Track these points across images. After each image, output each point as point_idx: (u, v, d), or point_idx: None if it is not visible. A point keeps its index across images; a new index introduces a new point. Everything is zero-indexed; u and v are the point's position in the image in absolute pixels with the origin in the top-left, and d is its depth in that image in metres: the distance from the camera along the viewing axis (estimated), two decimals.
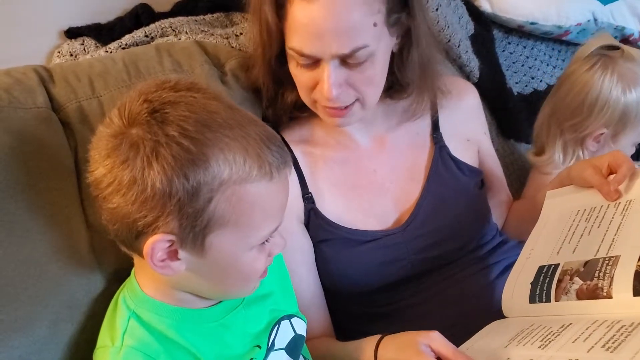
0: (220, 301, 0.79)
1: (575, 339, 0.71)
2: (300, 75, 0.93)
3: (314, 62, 0.89)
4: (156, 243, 0.67)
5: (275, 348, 0.80)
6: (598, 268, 0.78)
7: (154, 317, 0.74)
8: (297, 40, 0.88)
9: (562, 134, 1.20)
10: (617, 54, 1.15)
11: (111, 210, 0.68)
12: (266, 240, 0.73)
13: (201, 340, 0.75)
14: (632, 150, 1.20)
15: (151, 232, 0.67)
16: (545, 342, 0.73)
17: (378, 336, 0.86)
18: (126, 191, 0.65)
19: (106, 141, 0.67)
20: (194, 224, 0.66)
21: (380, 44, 0.90)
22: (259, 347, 0.79)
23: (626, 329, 0.69)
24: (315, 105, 0.96)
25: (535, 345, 0.74)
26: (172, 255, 0.69)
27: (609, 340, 0.68)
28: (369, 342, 0.86)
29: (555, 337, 0.73)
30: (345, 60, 0.88)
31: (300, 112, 1.03)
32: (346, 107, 0.93)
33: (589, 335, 0.71)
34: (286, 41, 0.90)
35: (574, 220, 0.89)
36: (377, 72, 0.93)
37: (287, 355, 0.81)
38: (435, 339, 0.78)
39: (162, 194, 0.64)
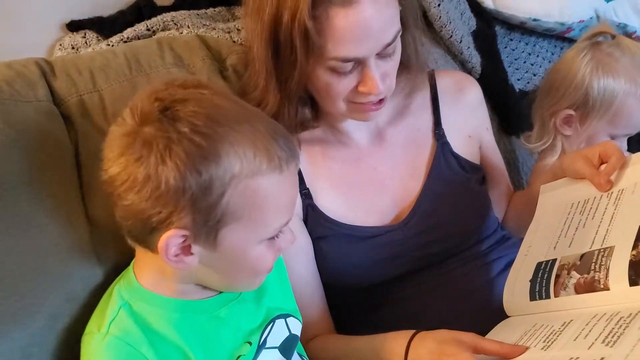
0: (217, 294, 0.79)
1: (576, 337, 0.71)
2: (336, 84, 0.90)
3: (354, 65, 0.88)
4: (170, 238, 0.68)
5: (267, 346, 0.80)
6: (594, 260, 0.78)
7: (146, 307, 0.74)
8: (342, 49, 0.85)
9: (541, 109, 1.20)
10: (606, 41, 1.15)
11: (125, 207, 0.69)
12: (276, 236, 0.75)
13: (192, 333, 0.75)
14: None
15: (165, 228, 0.68)
16: (547, 342, 0.73)
17: (408, 335, 0.84)
18: (140, 188, 0.66)
19: (119, 140, 0.68)
20: (207, 219, 0.68)
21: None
22: (250, 343, 0.79)
23: (624, 320, 0.68)
24: (347, 108, 0.94)
25: (538, 347, 0.73)
26: (186, 250, 0.70)
27: (609, 334, 0.67)
28: (397, 341, 0.85)
29: (557, 336, 0.73)
30: (380, 53, 0.88)
31: (312, 124, 1.01)
32: (383, 98, 0.94)
33: (590, 331, 0.70)
34: (323, 55, 0.86)
35: (568, 214, 0.88)
36: (399, 55, 0.93)
37: (280, 355, 0.81)
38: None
39: (175, 189, 0.65)
